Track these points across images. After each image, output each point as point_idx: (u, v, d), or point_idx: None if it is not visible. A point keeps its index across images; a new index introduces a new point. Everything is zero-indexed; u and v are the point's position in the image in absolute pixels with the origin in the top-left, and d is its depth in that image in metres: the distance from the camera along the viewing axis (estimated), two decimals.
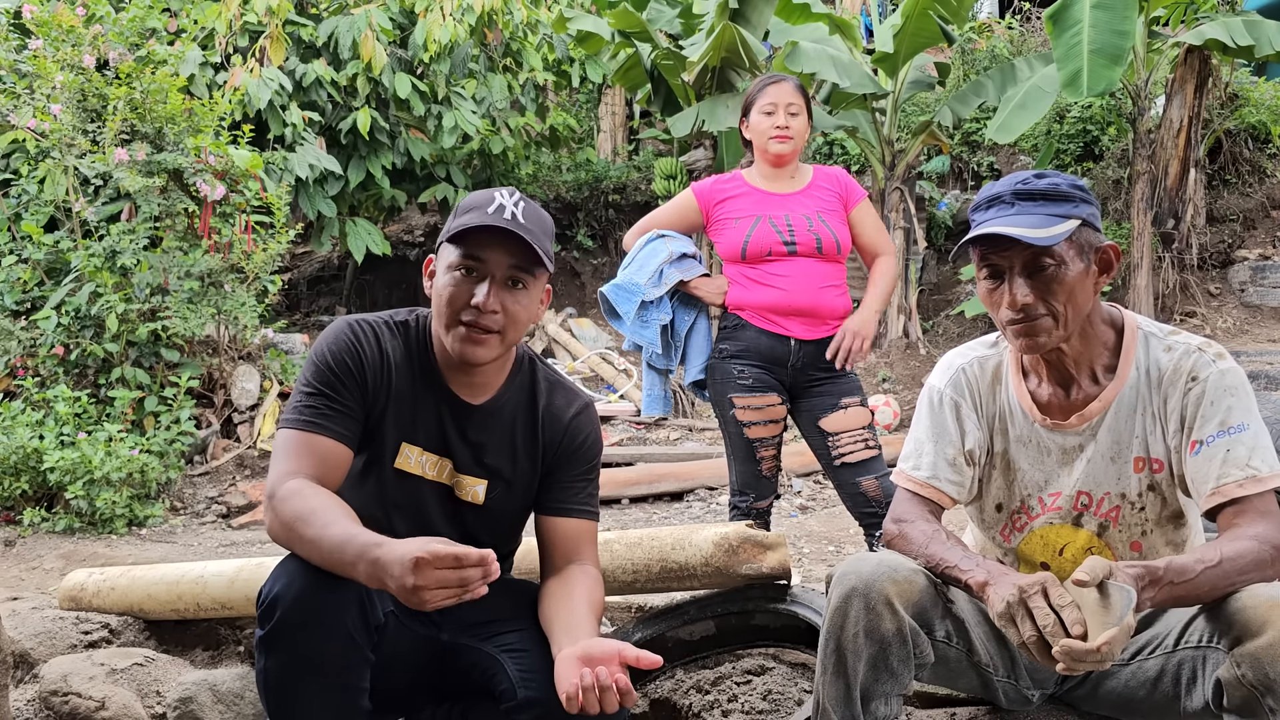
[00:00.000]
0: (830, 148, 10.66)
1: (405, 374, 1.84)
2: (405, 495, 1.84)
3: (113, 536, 5.22)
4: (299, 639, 1.63)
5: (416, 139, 8.79)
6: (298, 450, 1.73)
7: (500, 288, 1.76)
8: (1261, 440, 1.71)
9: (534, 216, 1.79)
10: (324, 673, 1.65)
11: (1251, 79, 10.09)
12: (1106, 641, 1.44)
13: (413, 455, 1.85)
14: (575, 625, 1.72)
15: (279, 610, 1.63)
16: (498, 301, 1.75)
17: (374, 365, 1.81)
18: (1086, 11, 7.02)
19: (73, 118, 5.96)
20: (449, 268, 1.78)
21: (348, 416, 1.77)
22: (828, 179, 3.15)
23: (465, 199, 1.83)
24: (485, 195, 1.79)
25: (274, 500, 1.66)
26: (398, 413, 1.83)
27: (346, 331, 1.82)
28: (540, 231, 1.79)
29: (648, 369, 3.32)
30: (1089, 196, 1.78)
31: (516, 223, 1.75)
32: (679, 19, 8.76)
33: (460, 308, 1.76)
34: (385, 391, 1.82)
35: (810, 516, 5.66)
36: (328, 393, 1.77)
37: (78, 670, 2.47)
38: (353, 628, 1.65)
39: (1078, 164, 10.10)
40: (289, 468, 1.70)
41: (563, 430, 1.93)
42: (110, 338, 5.81)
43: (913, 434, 1.98)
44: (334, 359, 1.79)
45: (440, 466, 1.87)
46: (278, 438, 1.77)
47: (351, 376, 1.79)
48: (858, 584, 1.69)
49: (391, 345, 1.84)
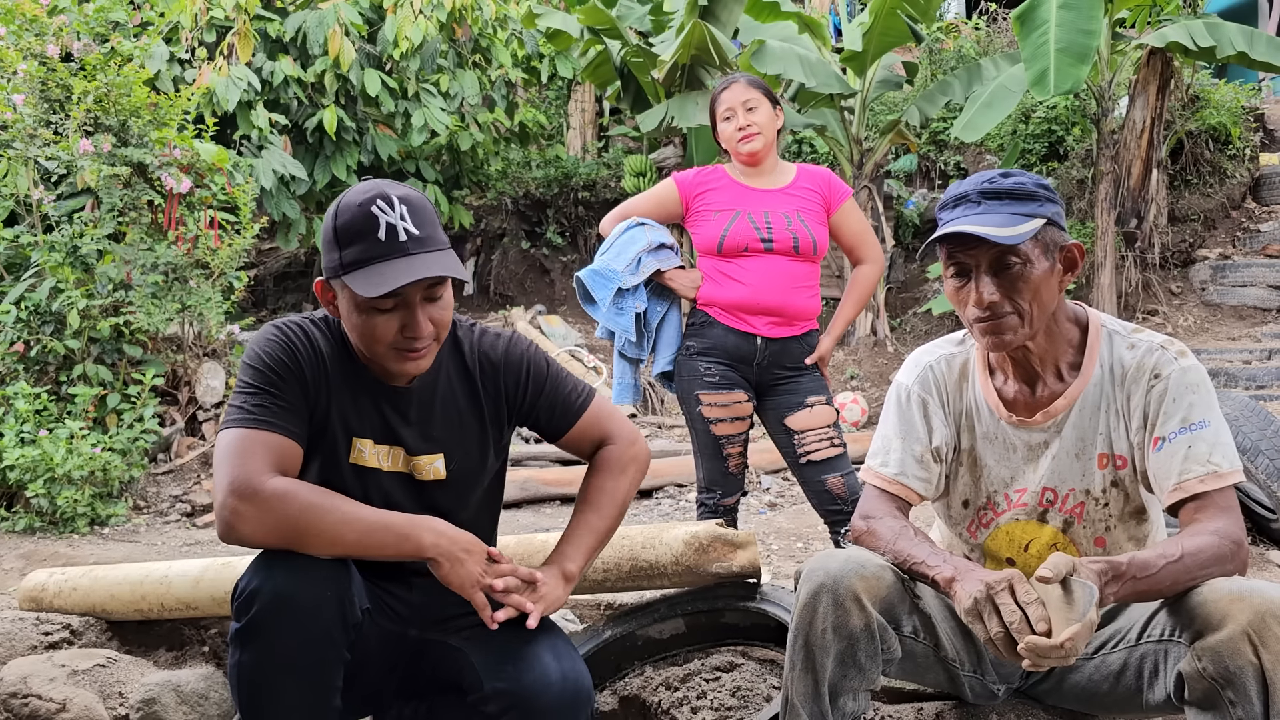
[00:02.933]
0: (799, 146, 10.71)
1: (339, 370, 1.81)
2: (366, 490, 1.82)
3: (74, 536, 5.14)
4: (275, 635, 1.61)
5: (385, 136, 8.73)
6: (255, 448, 1.67)
7: (422, 308, 1.70)
8: (1222, 437, 1.74)
9: (421, 215, 1.69)
10: (298, 670, 1.63)
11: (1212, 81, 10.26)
12: (1070, 638, 1.45)
13: (365, 449, 1.82)
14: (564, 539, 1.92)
15: (256, 604, 1.61)
16: (426, 322, 1.71)
17: (311, 362, 1.77)
18: (1053, 11, 7.10)
19: (35, 109, 5.87)
20: (359, 308, 1.69)
21: (293, 413, 1.73)
22: (811, 179, 3.14)
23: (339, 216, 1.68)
24: (363, 215, 1.66)
25: (260, 498, 1.60)
26: (341, 408, 1.80)
27: (277, 333, 1.77)
28: (433, 228, 1.71)
29: (619, 357, 3.31)
30: (1054, 196, 1.80)
31: (414, 240, 1.66)
32: (649, 16, 8.77)
33: (390, 342, 1.71)
34: (326, 388, 1.79)
35: (778, 513, 5.68)
36: (272, 391, 1.72)
37: (38, 672, 2.43)
38: (330, 625, 1.63)
39: (1043, 164, 10.21)
40: (255, 465, 1.65)
41: (500, 369, 1.91)
42: (71, 334, 5.72)
43: (880, 431, 1.99)
44: (271, 359, 1.74)
45: (394, 455, 1.84)
46: (225, 438, 1.69)
47: (291, 374, 1.74)
48: (826, 580, 1.70)
49: (322, 343, 1.80)
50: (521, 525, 5.38)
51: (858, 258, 3.20)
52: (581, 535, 1.91)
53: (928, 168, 11.01)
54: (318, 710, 1.67)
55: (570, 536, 1.91)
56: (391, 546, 1.65)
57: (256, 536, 1.63)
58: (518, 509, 5.91)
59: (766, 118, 3.05)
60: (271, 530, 1.62)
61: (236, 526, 1.62)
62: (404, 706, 1.91)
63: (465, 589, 1.71)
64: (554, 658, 1.74)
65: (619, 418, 2.02)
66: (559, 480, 6.12)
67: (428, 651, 1.86)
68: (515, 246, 11.03)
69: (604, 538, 1.93)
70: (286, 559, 1.63)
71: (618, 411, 2.04)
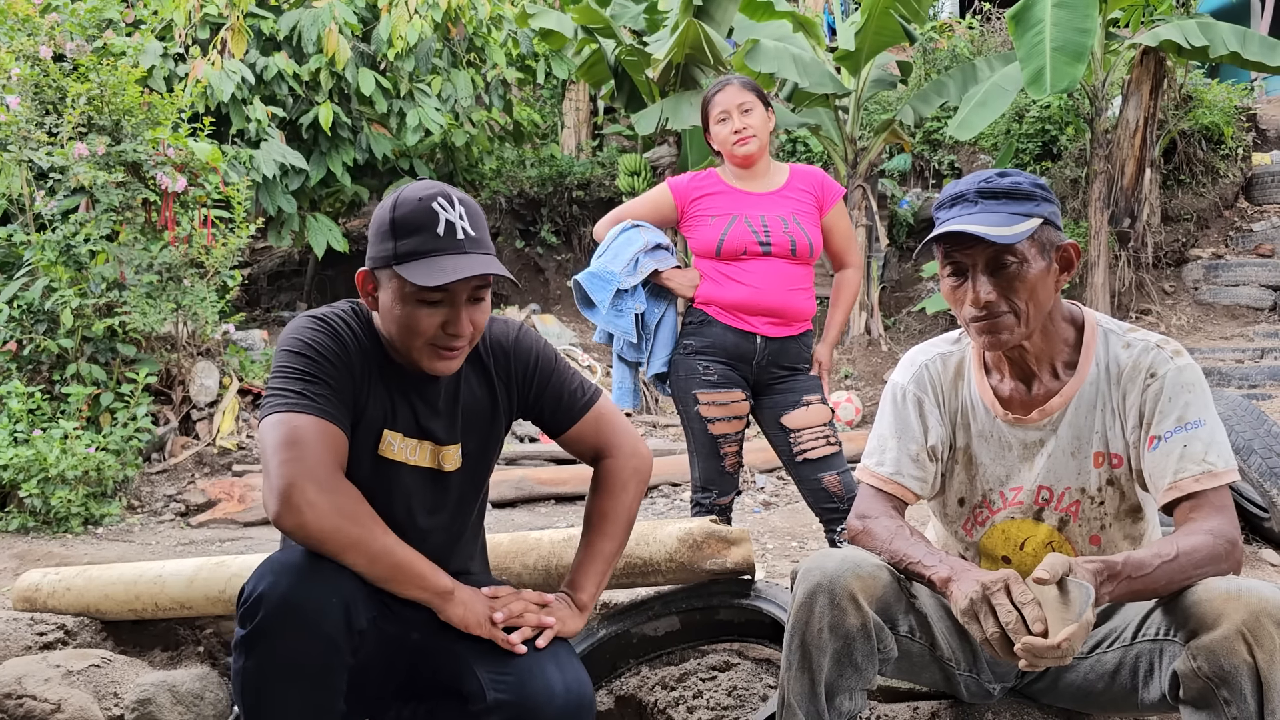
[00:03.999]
0: (793, 145, 10.71)
1: (373, 361, 1.81)
2: (388, 483, 1.82)
3: (68, 536, 5.13)
4: (281, 641, 1.61)
5: (379, 134, 8.71)
6: (315, 438, 1.65)
7: (466, 309, 1.72)
8: (1217, 436, 1.74)
9: (476, 218, 1.72)
10: (304, 676, 1.63)
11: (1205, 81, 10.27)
12: (1067, 638, 1.46)
13: (395, 442, 1.83)
14: (574, 568, 1.95)
15: (262, 610, 1.60)
16: (468, 322, 1.73)
17: (356, 351, 1.77)
18: (1048, 10, 7.11)
19: (28, 110, 5.85)
20: (404, 299, 1.70)
21: (343, 403, 1.73)
22: (805, 180, 3.15)
23: (399, 208, 1.70)
24: (424, 210, 1.68)
25: (313, 492, 1.59)
26: (377, 399, 1.81)
27: (321, 322, 1.77)
28: (486, 237, 1.74)
29: (618, 361, 3.31)
30: (1050, 195, 1.80)
31: (470, 240, 1.70)
32: (643, 15, 8.76)
33: (429, 338, 1.72)
34: (366, 378, 1.79)
35: (774, 512, 5.69)
36: (323, 379, 1.70)
37: (32, 672, 2.43)
38: (335, 631, 1.63)
39: (1036, 163, 10.23)
40: (327, 458, 1.64)
41: (511, 357, 1.93)
42: (65, 333, 5.70)
43: (876, 430, 1.99)
44: (321, 345, 1.73)
45: (421, 450, 1.85)
46: (278, 421, 1.65)
47: (341, 361, 1.74)
48: (822, 580, 1.70)
49: (353, 335, 1.80)
50: (516, 524, 5.37)
51: (844, 262, 3.22)
52: (593, 563, 1.93)
53: (922, 167, 11.02)
54: (322, 715, 1.67)
55: (580, 564, 1.94)
56: (401, 585, 1.72)
57: (319, 528, 1.61)
58: (512, 508, 5.91)
59: (760, 120, 3.06)
60: (324, 526, 1.61)
61: (305, 516, 1.60)
62: (403, 709, 1.91)
63: (479, 628, 1.76)
64: (557, 668, 1.74)
65: (622, 424, 2.03)
66: (554, 479, 6.12)
67: (429, 656, 1.85)
68: (509, 245, 11.02)
69: (614, 560, 1.96)
70: (292, 564, 1.63)
71: (621, 417, 2.05)
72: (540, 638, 1.78)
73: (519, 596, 1.83)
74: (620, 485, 1.98)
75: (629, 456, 2.00)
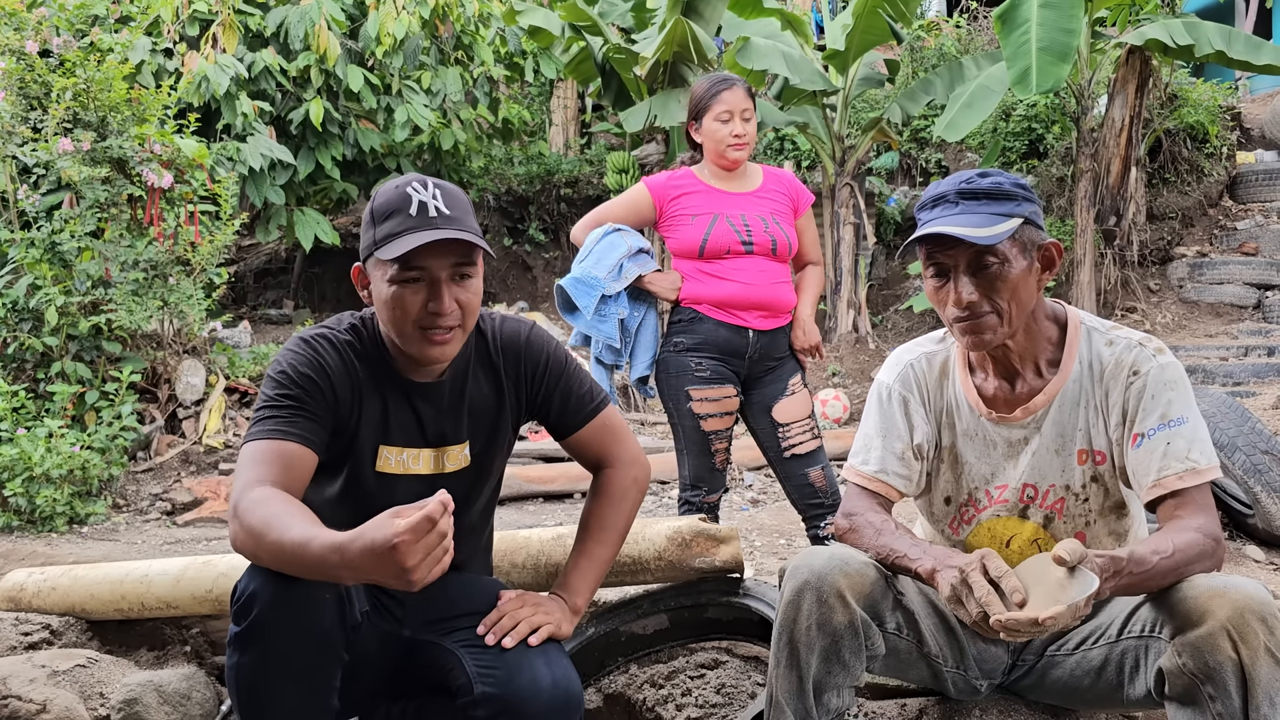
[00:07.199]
0: (781, 143, 10.72)
1: (370, 381, 1.82)
2: (393, 495, 1.79)
3: (53, 535, 5.10)
4: (275, 638, 1.61)
5: (367, 130, 8.70)
6: (260, 459, 1.67)
7: (448, 286, 1.73)
8: (1200, 433, 1.75)
9: (454, 200, 1.74)
10: (298, 672, 1.63)
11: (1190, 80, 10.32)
12: (1051, 616, 1.46)
13: (392, 456, 1.84)
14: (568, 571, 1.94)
15: (256, 608, 1.60)
16: (452, 301, 1.73)
17: (340, 377, 1.78)
18: (1034, 10, 7.13)
19: (13, 105, 5.81)
20: (389, 281, 1.72)
21: (312, 421, 1.73)
22: (779, 182, 3.18)
23: (377, 199, 1.74)
24: (399, 195, 1.71)
25: (238, 511, 1.59)
26: (371, 416, 1.81)
27: (305, 347, 1.78)
28: (465, 214, 1.75)
29: (595, 364, 3.30)
30: (1031, 195, 1.81)
31: (444, 218, 1.70)
32: (631, 13, 8.75)
33: (415, 318, 1.73)
34: (357, 398, 1.80)
35: (761, 510, 5.70)
36: (291, 403, 1.72)
37: (17, 672, 2.41)
38: (329, 628, 1.63)
39: (1023, 161, 10.27)
40: (251, 476, 1.65)
41: (521, 355, 1.93)
42: (49, 331, 5.67)
43: (862, 429, 2.00)
44: (295, 372, 1.75)
45: (423, 457, 1.86)
46: (243, 452, 1.71)
47: (316, 386, 1.75)
48: (810, 577, 1.71)
49: (351, 350, 1.81)
50: (505, 523, 5.35)
51: (809, 259, 3.29)
52: (586, 567, 1.95)
53: (909, 165, 11.04)
54: (316, 712, 1.67)
55: (574, 568, 1.95)
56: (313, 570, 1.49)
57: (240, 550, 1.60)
58: (501, 506, 5.90)
59: (754, 130, 3.11)
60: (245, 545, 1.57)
61: (231, 537, 1.61)
62: (392, 706, 1.91)
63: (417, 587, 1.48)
64: (545, 663, 1.75)
65: (625, 435, 2.04)
66: (542, 478, 6.12)
67: (419, 652, 1.86)
68: (497, 243, 11.01)
69: (608, 566, 1.98)
70: None
71: (625, 428, 2.05)
72: (534, 635, 1.78)
73: (522, 599, 1.83)
74: (621, 494, 2.00)
75: (630, 466, 2.02)
